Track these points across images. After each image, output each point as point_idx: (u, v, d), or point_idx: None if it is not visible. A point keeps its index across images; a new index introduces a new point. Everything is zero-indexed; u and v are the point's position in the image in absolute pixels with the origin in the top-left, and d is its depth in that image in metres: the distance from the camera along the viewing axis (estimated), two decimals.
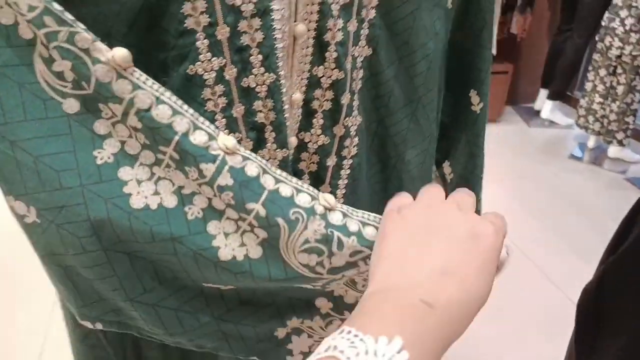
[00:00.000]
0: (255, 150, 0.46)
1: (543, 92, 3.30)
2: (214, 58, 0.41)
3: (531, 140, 3.11)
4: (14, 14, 0.32)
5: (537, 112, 3.37)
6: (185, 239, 0.37)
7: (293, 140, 0.48)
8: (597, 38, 2.60)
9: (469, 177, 0.61)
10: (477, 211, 0.62)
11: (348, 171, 0.53)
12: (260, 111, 0.44)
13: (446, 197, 0.38)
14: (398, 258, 0.32)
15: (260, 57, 0.42)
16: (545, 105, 3.24)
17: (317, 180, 0.52)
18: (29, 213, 0.36)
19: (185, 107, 0.36)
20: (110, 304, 0.41)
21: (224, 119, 0.43)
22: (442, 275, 0.30)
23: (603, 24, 2.52)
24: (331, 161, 0.51)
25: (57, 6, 0.32)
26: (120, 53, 0.33)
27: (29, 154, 0.34)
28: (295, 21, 0.43)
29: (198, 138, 0.35)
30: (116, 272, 0.38)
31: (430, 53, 0.52)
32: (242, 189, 0.36)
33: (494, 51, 2.76)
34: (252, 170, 0.37)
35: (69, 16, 0.32)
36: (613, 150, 2.76)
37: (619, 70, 2.50)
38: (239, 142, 0.44)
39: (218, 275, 0.39)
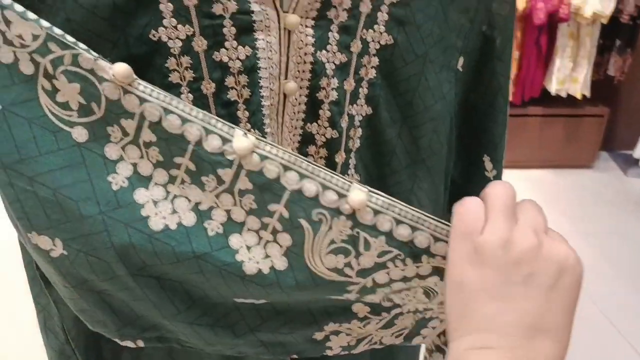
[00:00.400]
0: None
1: None
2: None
3: (627, 191, 2.82)
4: (12, 50, 0.34)
5: (636, 161, 3.10)
6: (208, 256, 0.37)
7: None
8: None
9: None
10: None
11: None
12: None
13: None
14: (484, 315, 0.31)
15: (247, 113, 0.42)
16: None
17: None
18: (55, 246, 0.37)
19: (195, 112, 0.35)
20: (148, 320, 0.42)
21: None
22: (536, 332, 0.30)
23: None
24: None
25: (57, 30, 0.34)
26: (120, 69, 0.34)
27: (48, 187, 0.36)
28: (286, 78, 0.43)
29: (212, 144, 0.35)
30: (148, 296, 0.39)
31: (437, 115, 0.49)
32: (262, 192, 0.36)
33: (587, 93, 2.63)
34: (271, 171, 0.35)
35: (70, 39, 0.34)
36: None
37: None
38: None
39: (247, 289, 0.39)
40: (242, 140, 0.34)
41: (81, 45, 0.34)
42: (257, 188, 0.35)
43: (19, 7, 0.33)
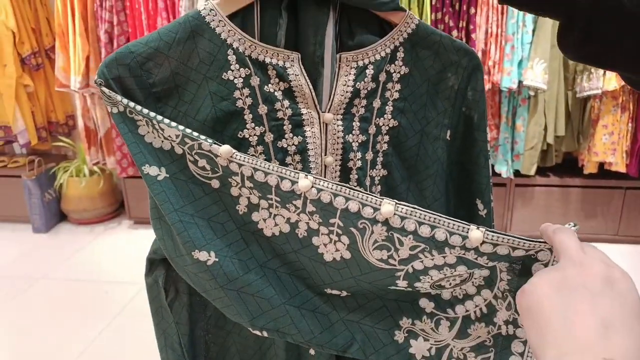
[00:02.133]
0: None
1: None
2: None
3: None
4: (169, 142, 0.54)
5: None
6: (301, 251, 0.56)
7: None
8: None
9: None
10: None
11: None
12: None
13: None
14: (558, 328, 0.33)
15: None
16: None
17: None
18: (210, 256, 0.55)
19: (272, 167, 0.52)
20: (270, 315, 0.57)
21: None
22: (607, 329, 0.32)
23: None
24: None
25: (187, 131, 0.53)
26: (224, 149, 0.52)
27: (203, 218, 0.55)
28: (325, 154, 0.62)
29: (285, 186, 0.52)
30: (271, 283, 0.56)
31: (434, 172, 0.67)
32: (323, 211, 0.51)
33: None
34: (325, 198, 0.50)
35: (194, 134, 0.53)
36: None
37: None
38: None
39: (328, 273, 0.56)
40: (304, 180, 0.51)
41: (202, 137, 0.53)
42: (320, 209, 0.52)
43: (166, 120, 0.53)
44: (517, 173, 2.48)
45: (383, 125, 0.64)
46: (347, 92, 0.61)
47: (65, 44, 2.44)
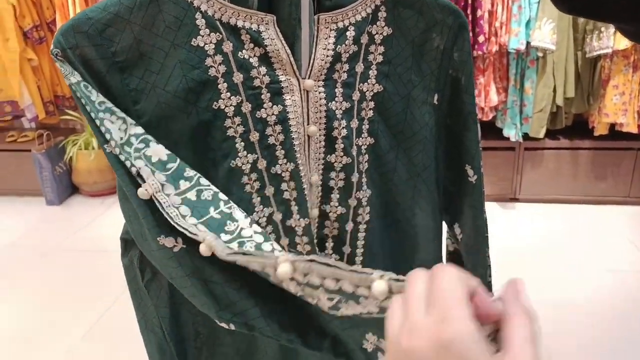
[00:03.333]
0: (284, 219, 0.61)
1: None
2: (249, 154, 0.58)
3: None
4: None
5: None
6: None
7: (315, 212, 0.63)
8: None
9: (475, 236, 0.71)
10: (484, 272, 0.71)
11: (364, 234, 0.66)
12: (286, 190, 0.60)
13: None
14: None
15: (283, 151, 0.59)
16: None
17: (339, 242, 0.66)
18: (177, 243, 0.52)
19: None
20: (238, 307, 0.54)
21: (258, 197, 0.60)
22: None
23: None
24: (349, 226, 0.65)
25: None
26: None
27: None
28: (308, 124, 0.60)
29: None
30: (240, 274, 0.51)
31: (423, 138, 0.65)
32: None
33: None
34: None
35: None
36: None
37: None
38: (271, 214, 0.60)
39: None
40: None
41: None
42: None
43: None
44: (525, 136, 2.45)
45: (367, 90, 0.62)
46: (327, 56, 0.58)
47: (65, 16, 2.41)
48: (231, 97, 0.57)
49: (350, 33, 0.59)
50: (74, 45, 0.51)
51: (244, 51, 0.56)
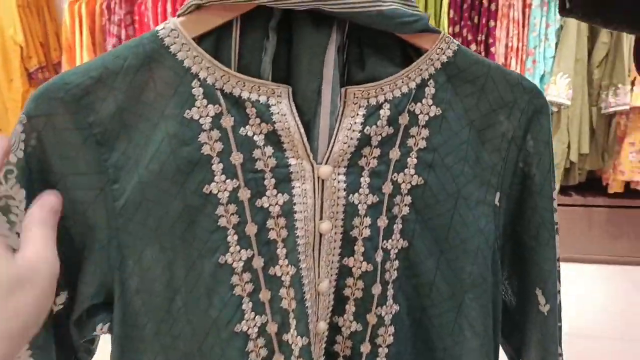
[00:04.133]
0: (280, 332, 0.49)
1: None
2: (242, 250, 0.46)
3: None
4: None
5: None
6: None
7: (322, 326, 0.50)
8: None
9: None
10: None
11: (384, 359, 0.51)
12: (285, 298, 0.48)
13: None
14: None
15: (284, 250, 0.47)
16: None
17: None
18: None
19: None
20: None
21: (250, 303, 0.48)
22: None
23: None
24: (365, 348, 0.51)
25: None
26: None
27: None
28: (321, 219, 0.47)
29: None
30: None
31: (475, 249, 0.50)
32: None
33: None
34: None
35: None
36: None
37: None
38: (265, 325, 0.48)
39: None
40: None
41: None
42: None
43: None
44: None
45: (403, 182, 0.48)
46: (352, 138, 0.46)
47: (72, 58, 2.43)
48: (226, 181, 0.46)
49: (385, 112, 0.46)
50: (46, 113, 0.42)
51: (247, 127, 0.45)
